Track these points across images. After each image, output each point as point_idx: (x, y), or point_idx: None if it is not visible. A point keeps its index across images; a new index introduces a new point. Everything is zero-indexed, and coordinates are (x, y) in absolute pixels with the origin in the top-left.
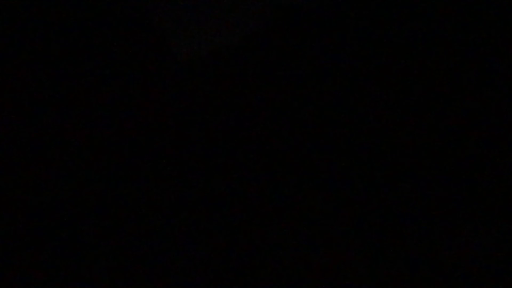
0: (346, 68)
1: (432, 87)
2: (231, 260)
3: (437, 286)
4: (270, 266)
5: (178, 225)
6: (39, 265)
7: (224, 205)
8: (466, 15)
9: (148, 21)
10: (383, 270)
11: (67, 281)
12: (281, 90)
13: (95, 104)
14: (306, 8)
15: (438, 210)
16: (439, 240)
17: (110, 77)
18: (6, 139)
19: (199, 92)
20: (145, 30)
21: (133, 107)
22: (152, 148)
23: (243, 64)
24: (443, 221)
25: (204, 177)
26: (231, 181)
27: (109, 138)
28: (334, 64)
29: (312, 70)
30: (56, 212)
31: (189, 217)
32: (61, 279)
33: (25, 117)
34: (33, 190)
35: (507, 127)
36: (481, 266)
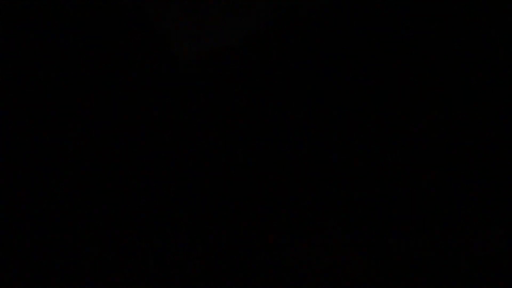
0: (346, 68)
1: (432, 87)
2: (231, 260)
3: (437, 286)
4: (270, 266)
5: (178, 225)
6: (39, 265)
7: (224, 205)
8: (466, 15)
9: (148, 21)
10: (383, 270)
11: (67, 281)
12: (281, 90)
13: (95, 104)
14: (306, 8)
15: (438, 210)
16: (439, 240)
17: (110, 77)
18: (6, 139)
19: (199, 92)
20: (145, 30)
21: (133, 107)
22: (152, 148)
23: (243, 64)
24: (443, 221)
25: (204, 177)
26: (231, 181)
27: (109, 138)
28: (334, 64)
29: (312, 70)
30: (56, 212)
31: (189, 217)
32: (61, 279)
33: (25, 117)
34: (33, 190)
35: (507, 127)
36: (481, 266)
